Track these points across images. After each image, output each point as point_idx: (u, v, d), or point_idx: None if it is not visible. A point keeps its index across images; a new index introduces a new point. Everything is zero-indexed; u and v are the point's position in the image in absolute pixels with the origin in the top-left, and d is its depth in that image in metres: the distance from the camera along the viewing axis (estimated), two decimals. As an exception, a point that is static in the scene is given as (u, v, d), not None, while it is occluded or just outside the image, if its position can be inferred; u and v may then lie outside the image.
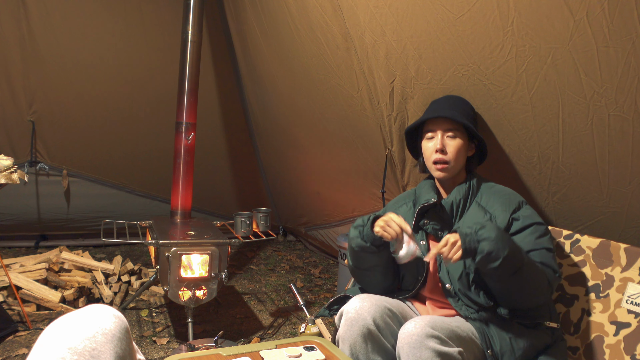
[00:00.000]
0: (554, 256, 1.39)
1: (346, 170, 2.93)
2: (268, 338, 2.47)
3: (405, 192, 1.71)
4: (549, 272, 1.35)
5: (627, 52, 1.25)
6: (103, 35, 3.28)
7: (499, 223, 1.41)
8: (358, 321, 1.35)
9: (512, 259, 1.26)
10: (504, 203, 1.45)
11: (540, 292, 1.35)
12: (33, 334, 2.29)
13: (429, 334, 1.20)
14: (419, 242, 1.50)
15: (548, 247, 1.39)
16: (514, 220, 1.42)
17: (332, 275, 3.56)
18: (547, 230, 1.43)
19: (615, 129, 1.40)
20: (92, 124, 3.43)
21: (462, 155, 1.52)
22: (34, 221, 3.53)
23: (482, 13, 1.48)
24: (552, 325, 1.39)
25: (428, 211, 1.53)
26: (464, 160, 1.54)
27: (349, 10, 2.00)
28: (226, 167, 4.04)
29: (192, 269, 2.25)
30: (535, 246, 1.38)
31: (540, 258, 1.37)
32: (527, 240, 1.39)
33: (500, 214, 1.43)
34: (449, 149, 1.50)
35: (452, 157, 1.50)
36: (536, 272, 1.32)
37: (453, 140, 1.51)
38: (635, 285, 1.39)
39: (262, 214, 2.53)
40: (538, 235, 1.40)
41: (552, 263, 1.38)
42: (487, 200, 1.48)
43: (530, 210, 1.45)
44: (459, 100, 1.62)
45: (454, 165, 1.51)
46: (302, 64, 2.62)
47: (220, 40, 3.56)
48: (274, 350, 1.33)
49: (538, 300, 1.37)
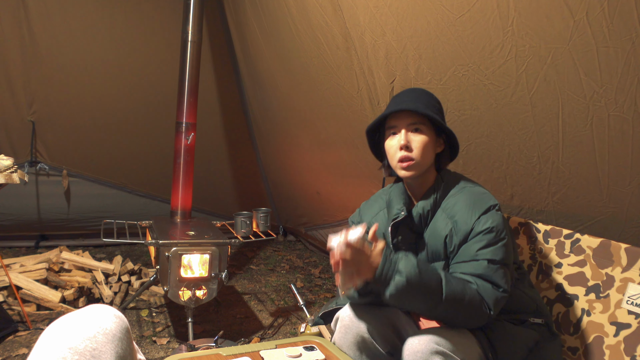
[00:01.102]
0: (499, 269, 1.25)
1: (346, 170, 2.93)
2: (268, 338, 2.47)
3: (378, 193, 1.56)
4: (486, 288, 1.23)
5: (627, 52, 1.25)
6: (103, 35, 3.28)
7: (460, 234, 1.30)
8: (352, 328, 1.35)
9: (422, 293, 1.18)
10: (469, 209, 1.31)
11: (474, 317, 1.24)
12: (33, 334, 2.29)
13: (434, 350, 1.18)
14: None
15: (491, 259, 1.25)
16: (474, 228, 1.28)
17: (332, 275, 3.55)
18: (498, 238, 1.27)
19: (615, 129, 1.40)
20: (92, 124, 3.43)
21: (429, 151, 1.36)
22: (34, 221, 3.53)
23: (482, 13, 1.48)
24: (537, 322, 1.37)
25: (399, 225, 1.41)
26: (431, 157, 1.38)
27: (349, 11, 2.00)
28: (226, 167, 4.04)
29: (192, 269, 2.25)
30: (475, 257, 1.26)
31: (479, 270, 1.25)
32: (469, 249, 1.28)
33: (462, 223, 1.30)
34: (414, 145, 1.34)
35: (418, 154, 1.34)
36: (462, 300, 1.20)
37: (418, 135, 1.35)
38: (635, 285, 1.39)
39: (262, 214, 2.53)
40: (483, 246, 1.26)
41: (494, 277, 1.24)
42: (452, 205, 1.35)
43: (492, 217, 1.29)
44: (422, 93, 1.44)
45: (421, 163, 1.35)
46: (302, 64, 2.62)
47: (220, 40, 3.56)
48: (274, 350, 1.33)
49: (472, 324, 1.27)
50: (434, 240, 1.35)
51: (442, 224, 1.34)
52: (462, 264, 1.29)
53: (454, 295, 1.20)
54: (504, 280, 1.25)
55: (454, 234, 1.31)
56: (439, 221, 1.35)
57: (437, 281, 1.20)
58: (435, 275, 1.21)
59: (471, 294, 1.22)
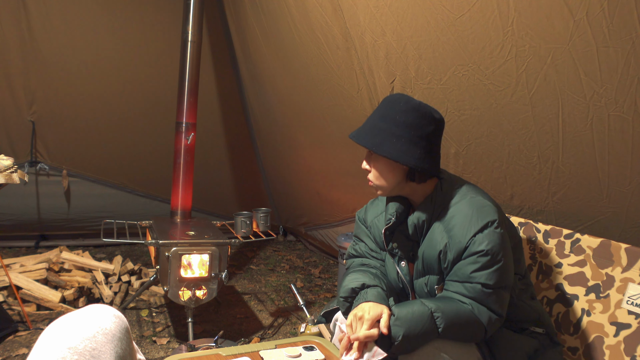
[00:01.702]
0: (492, 294, 1.22)
1: (346, 170, 2.93)
2: (268, 338, 2.47)
3: (380, 197, 1.52)
4: (480, 310, 1.22)
5: (627, 52, 1.25)
6: (103, 35, 3.28)
7: (453, 251, 1.25)
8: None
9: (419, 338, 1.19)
10: (465, 224, 1.25)
11: (473, 334, 1.24)
12: (33, 333, 2.29)
13: (435, 354, 1.19)
14: (399, 265, 1.40)
15: (485, 284, 1.21)
16: (468, 246, 1.23)
17: (332, 275, 3.56)
18: (494, 261, 1.21)
19: (615, 129, 1.40)
20: (92, 124, 3.43)
21: (387, 173, 1.32)
22: (34, 221, 3.53)
23: (482, 13, 1.48)
24: (538, 331, 1.37)
25: (394, 231, 1.39)
26: (394, 177, 1.32)
27: (349, 10, 2.00)
28: (226, 167, 4.04)
29: (192, 269, 2.25)
30: (468, 279, 1.23)
31: (473, 294, 1.22)
32: (463, 271, 1.24)
33: (456, 240, 1.25)
34: (372, 168, 1.35)
35: (374, 177, 1.35)
36: (461, 320, 1.21)
37: (374, 160, 1.34)
38: (635, 285, 1.39)
39: (262, 214, 2.53)
40: (477, 268, 1.21)
41: (488, 301, 1.21)
42: (450, 217, 1.29)
43: (489, 238, 1.22)
44: (383, 106, 1.34)
45: (381, 185, 1.34)
46: (302, 64, 2.62)
47: (220, 40, 3.56)
48: (274, 350, 1.33)
49: (473, 340, 1.26)
50: (429, 253, 1.32)
51: (439, 237, 1.29)
52: (456, 283, 1.26)
53: (451, 323, 1.20)
54: (497, 304, 1.23)
55: (448, 250, 1.27)
56: (435, 233, 1.31)
57: (430, 321, 1.19)
58: (425, 316, 1.19)
59: (466, 316, 1.22)
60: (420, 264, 1.35)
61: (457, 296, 1.25)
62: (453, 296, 1.26)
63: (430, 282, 1.33)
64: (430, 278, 1.33)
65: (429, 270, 1.33)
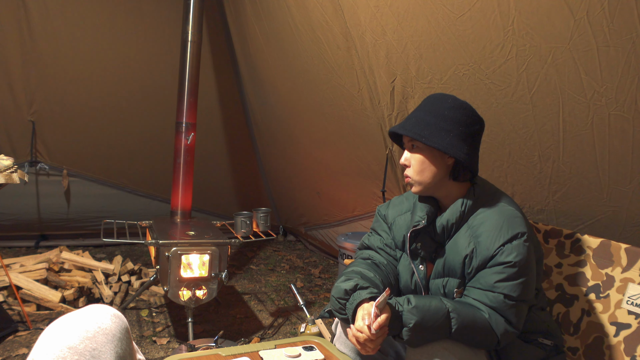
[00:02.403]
0: (513, 307, 1.22)
1: (346, 170, 2.93)
2: (268, 338, 2.47)
3: (406, 195, 1.53)
4: (497, 321, 1.21)
5: (627, 52, 1.25)
6: (103, 35, 3.28)
7: (480, 257, 1.25)
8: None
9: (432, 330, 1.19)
10: (494, 233, 1.24)
11: (486, 342, 1.24)
12: (33, 333, 2.29)
13: (441, 355, 1.18)
14: (417, 267, 1.39)
15: (508, 295, 1.21)
16: (495, 256, 1.23)
17: (332, 275, 3.56)
18: (519, 275, 1.21)
19: (616, 128, 1.40)
20: (92, 124, 3.43)
21: (428, 168, 1.30)
22: (34, 221, 3.53)
23: (483, 13, 1.48)
24: (546, 343, 1.36)
25: (420, 233, 1.38)
26: (435, 173, 1.31)
27: (349, 10, 2.00)
28: (226, 167, 4.04)
29: (192, 269, 2.25)
30: (492, 289, 1.23)
31: (494, 303, 1.22)
32: (487, 279, 1.23)
33: (484, 247, 1.24)
34: (412, 163, 1.33)
35: (414, 172, 1.32)
36: (476, 327, 1.20)
37: (415, 153, 1.32)
38: (635, 285, 1.39)
39: (262, 214, 2.53)
40: (502, 279, 1.21)
41: (508, 313, 1.21)
42: (479, 223, 1.28)
43: (517, 250, 1.21)
44: (430, 102, 1.35)
45: (419, 181, 1.32)
46: (303, 63, 2.62)
47: (220, 40, 3.56)
48: (273, 350, 1.33)
49: (485, 347, 1.26)
50: (453, 256, 1.31)
51: (465, 242, 1.29)
52: (478, 291, 1.26)
53: (464, 326, 1.19)
54: (516, 317, 1.23)
55: (474, 256, 1.26)
56: (462, 238, 1.30)
57: (445, 319, 1.19)
58: (441, 312, 1.19)
59: (481, 324, 1.21)
60: (442, 265, 1.33)
61: (477, 303, 1.25)
62: (473, 303, 1.25)
63: (450, 285, 1.32)
64: (450, 280, 1.32)
65: (449, 273, 1.32)
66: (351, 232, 3.00)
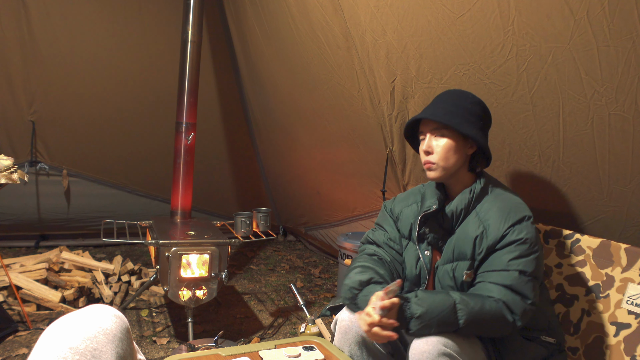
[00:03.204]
0: (530, 281, 1.27)
1: (346, 170, 2.93)
2: (268, 338, 2.47)
3: (415, 188, 1.62)
4: (514, 299, 1.26)
5: (627, 51, 1.25)
6: (103, 35, 3.28)
7: (490, 238, 1.33)
8: (352, 329, 1.36)
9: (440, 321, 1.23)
10: (502, 216, 1.33)
11: (499, 330, 1.28)
12: (33, 334, 2.29)
13: (441, 352, 1.19)
14: (423, 252, 1.46)
15: (523, 270, 1.27)
16: (505, 236, 1.31)
17: (332, 275, 3.56)
18: (531, 251, 1.29)
19: (616, 128, 1.40)
20: (92, 124, 3.43)
21: (453, 155, 1.39)
22: (34, 221, 3.53)
23: (483, 12, 1.48)
24: (549, 340, 1.38)
25: (429, 218, 1.46)
26: (457, 160, 1.40)
27: (349, 10, 2.00)
28: (226, 167, 4.04)
29: (192, 269, 2.25)
30: (506, 267, 1.28)
31: (509, 281, 1.27)
32: (502, 259, 1.30)
33: (494, 228, 1.33)
34: (436, 150, 1.40)
35: (439, 158, 1.39)
36: (485, 317, 1.24)
37: (440, 139, 1.40)
38: (635, 285, 1.39)
39: (262, 214, 2.53)
40: (515, 256, 1.28)
41: (523, 288, 1.27)
42: (486, 210, 1.37)
43: (526, 229, 1.31)
44: (453, 95, 1.46)
45: (444, 166, 1.40)
46: (303, 63, 2.62)
47: (220, 40, 3.56)
48: (273, 350, 1.33)
49: (500, 334, 1.30)
50: (462, 241, 1.37)
51: (474, 226, 1.37)
52: (493, 273, 1.31)
53: (473, 318, 1.23)
54: (532, 292, 1.27)
55: (484, 237, 1.33)
56: (470, 223, 1.38)
57: (451, 310, 1.23)
58: (447, 303, 1.24)
59: (491, 310, 1.25)
60: (451, 250, 1.40)
61: (492, 287, 1.29)
62: (487, 287, 1.30)
63: (459, 269, 1.37)
64: (459, 264, 1.38)
65: (459, 257, 1.38)
66: (351, 232, 3.00)
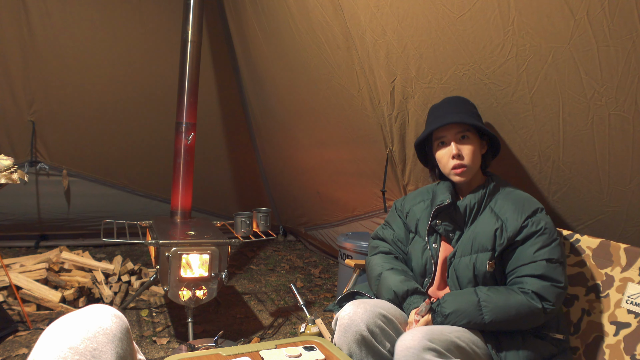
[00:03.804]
0: (557, 267, 1.36)
1: (346, 170, 2.93)
2: (268, 338, 2.47)
3: (424, 188, 1.71)
4: (545, 287, 1.34)
5: (627, 51, 1.25)
6: (103, 35, 3.28)
7: (510, 230, 1.41)
8: (351, 327, 1.36)
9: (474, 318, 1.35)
10: (517, 209, 1.43)
11: (528, 321, 1.35)
12: (33, 333, 2.29)
13: (426, 347, 1.19)
14: (431, 245, 1.54)
15: (549, 258, 1.36)
16: (524, 228, 1.40)
17: (332, 275, 3.56)
18: (552, 239, 1.39)
19: (616, 128, 1.40)
20: (92, 124, 3.43)
21: (478, 156, 1.52)
22: (34, 221, 3.53)
23: (483, 12, 1.48)
24: (558, 337, 1.40)
25: (442, 212, 1.53)
26: (479, 161, 1.53)
27: (349, 10, 2.00)
28: (226, 167, 4.04)
29: (192, 269, 2.25)
30: (534, 259, 1.37)
31: (539, 271, 1.35)
32: (527, 252, 1.39)
33: (512, 221, 1.42)
34: (464, 153, 1.49)
35: (469, 160, 1.49)
36: (510, 311, 1.33)
37: (466, 143, 1.50)
38: (635, 285, 1.39)
39: (262, 214, 2.53)
40: (539, 247, 1.37)
41: (554, 274, 1.35)
42: (501, 205, 1.47)
43: (543, 219, 1.41)
44: (460, 101, 1.59)
45: (472, 167, 1.50)
46: (303, 63, 2.62)
47: (220, 40, 3.56)
48: (274, 350, 1.33)
49: (532, 325, 1.37)
50: (482, 233, 1.44)
51: (492, 220, 1.45)
52: (522, 267, 1.39)
53: (498, 312, 1.33)
54: (562, 276, 1.36)
55: (504, 229, 1.42)
56: (486, 218, 1.47)
57: (477, 308, 1.35)
58: (474, 303, 1.36)
59: (517, 302, 1.33)
60: (469, 244, 1.46)
61: (524, 279, 1.37)
62: (519, 282, 1.38)
63: (480, 260, 1.43)
64: (479, 256, 1.43)
65: (479, 249, 1.44)
66: (351, 232, 3.00)
